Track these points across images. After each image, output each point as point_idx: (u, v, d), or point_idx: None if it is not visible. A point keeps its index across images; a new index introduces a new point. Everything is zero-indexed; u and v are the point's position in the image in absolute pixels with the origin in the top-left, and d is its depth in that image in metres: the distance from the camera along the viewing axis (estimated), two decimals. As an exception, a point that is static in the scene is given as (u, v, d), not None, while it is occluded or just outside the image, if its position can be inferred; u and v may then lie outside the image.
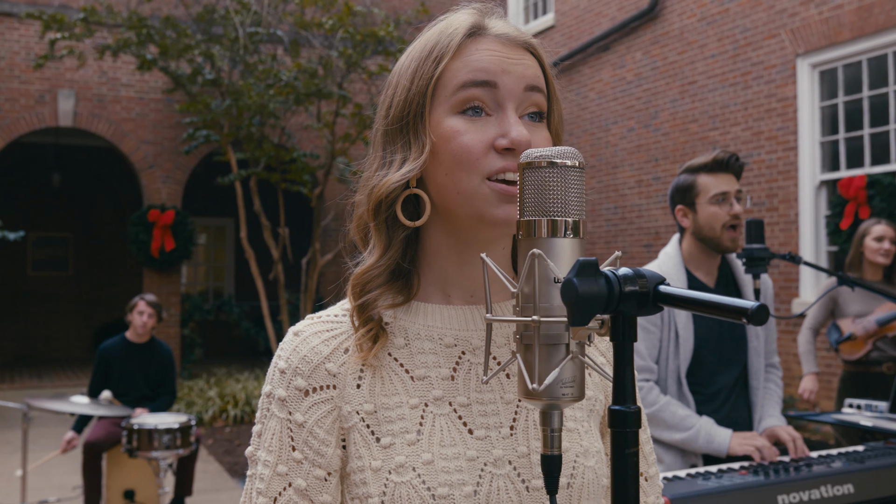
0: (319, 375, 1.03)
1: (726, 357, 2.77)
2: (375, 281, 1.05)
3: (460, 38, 1.04)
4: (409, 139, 1.04)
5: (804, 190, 8.54)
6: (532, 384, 0.83)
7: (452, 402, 1.03)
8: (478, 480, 1.00)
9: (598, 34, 11.42)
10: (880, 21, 7.73)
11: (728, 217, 2.69)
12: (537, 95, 1.05)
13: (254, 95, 9.36)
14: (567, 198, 0.86)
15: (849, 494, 2.23)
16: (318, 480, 1.02)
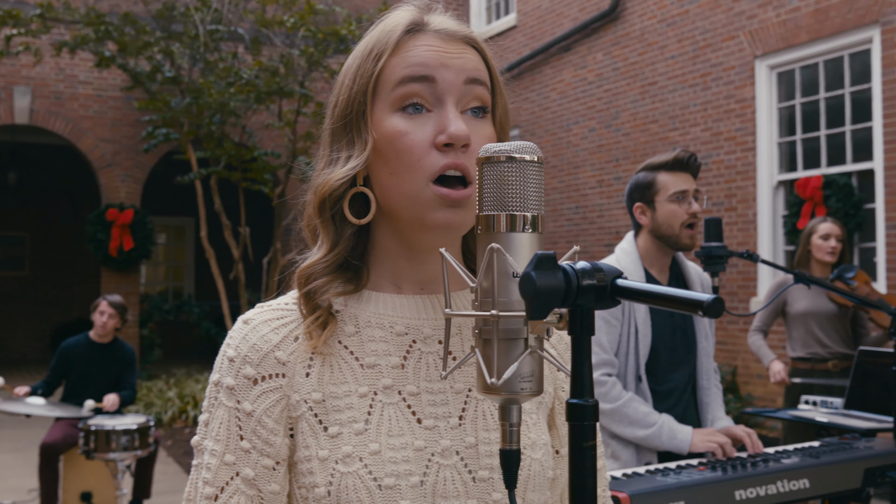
0: (269, 364, 1.02)
1: (679, 356, 2.79)
2: (322, 272, 1.04)
3: (399, 34, 1.04)
4: (353, 137, 1.04)
5: (762, 190, 8.65)
6: (491, 379, 0.83)
7: (402, 390, 1.03)
8: (424, 471, 1.00)
9: (559, 35, 11.47)
10: (836, 24, 7.85)
11: (686, 215, 2.72)
12: (479, 89, 1.03)
13: (214, 94, 9.28)
14: (526, 192, 0.86)
15: (805, 489, 2.26)
16: (266, 470, 1.01)
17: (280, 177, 11.34)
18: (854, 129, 7.87)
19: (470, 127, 1.01)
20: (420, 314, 1.07)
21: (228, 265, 12.01)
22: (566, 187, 11.42)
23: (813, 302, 4.74)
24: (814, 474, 2.29)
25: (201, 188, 10.67)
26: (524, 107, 12.23)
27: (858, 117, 7.84)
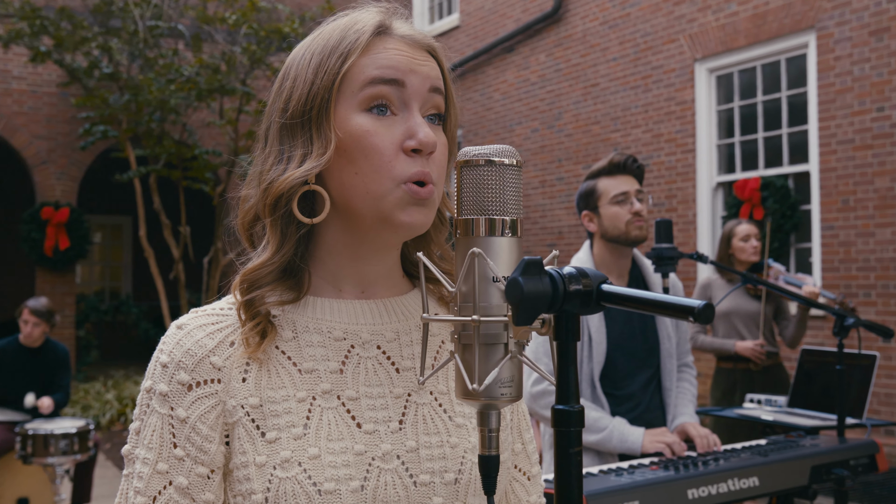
0: (203, 369, 1.00)
1: (639, 360, 2.82)
2: (266, 278, 1.03)
3: (368, 35, 1.02)
4: (312, 134, 1.01)
5: (702, 191, 8.79)
6: (472, 385, 0.82)
7: (341, 395, 1.01)
8: (365, 475, 0.98)
9: (502, 35, 11.52)
10: (773, 29, 8.01)
11: (630, 215, 2.75)
12: (438, 97, 1.04)
13: (154, 91, 9.12)
14: (505, 196, 0.86)
15: (754, 487, 2.30)
16: (200, 478, 0.98)
17: (221, 175, 11.20)
18: (790, 131, 8.04)
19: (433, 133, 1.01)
20: (358, 319, 1.06)
21: (168, 265, 11.82)
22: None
23: (735, 301, 4.84)
24: (763, 472, 2.33)
25: (140, 187, 10.49)
26: (467, 107, 12.24)
27: (794, 120, 8.01)
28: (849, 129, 7.39)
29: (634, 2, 9.55)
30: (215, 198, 10.69)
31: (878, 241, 7.17)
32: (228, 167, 10.53)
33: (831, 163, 7.52)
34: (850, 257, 7.37)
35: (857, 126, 7.32)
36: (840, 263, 7.43)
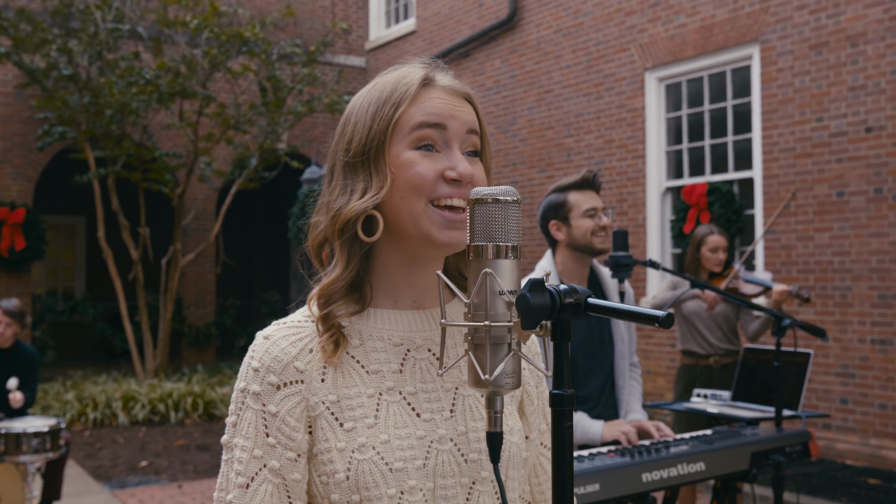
0: (289, 372, 1.20)
1: (596, 361, 3.07)
2: (338, 293, 1.24)
3: (416, 87, 1.24)
4: (371, 171, 1.23)
5: (651, 196, 9.12)
6: (484, 375, 1.05)
7: (402, 391, 1.23)
8: (426, 455, 1.20)
9: (458, 41, 11.75)
10: (720, 41, 8.36)
11: (597, 227, 2.99)
12: (475, 137, 1.26)
13: (116, 93, 9.19)
14: (508, 227, 1.08)
15: (701, 471, 2.56)
16: (289, 461, 1.19)
17: (180, 177, 11.28)
18: (735, 139, 8.40)
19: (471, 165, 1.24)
20: (412, 327, 1.27)
21: (125, 265, 11.87)
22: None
23: (697, 303, 5.12)
24: (708, 458, 2.59)
25: (99, 187, 10.53)
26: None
27: (739, 129, 8.37)
28: (790, 138, 7.75)
29: (587, 11, 9.85)
30: (174, 199, 10.77)
31: (816, 244, 7.54)
32: (188, 169, 10.63)
33: (773, 170, 7.88)
34: (790, 260, 7.74)
35: (798, 135, 7.69)
36: (781, 266, 7.79)
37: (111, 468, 7.39)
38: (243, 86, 11.09)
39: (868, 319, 7.17)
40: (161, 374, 10.58)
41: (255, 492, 1.18)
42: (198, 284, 12.88)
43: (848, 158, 7.31)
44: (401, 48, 13.18)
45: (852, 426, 7.26)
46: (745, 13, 8.13)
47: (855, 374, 7.25)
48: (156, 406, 9.25)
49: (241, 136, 10.98)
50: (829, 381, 7.42)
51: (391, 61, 10.58)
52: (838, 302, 7.38)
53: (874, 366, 7.12)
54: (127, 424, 9.02)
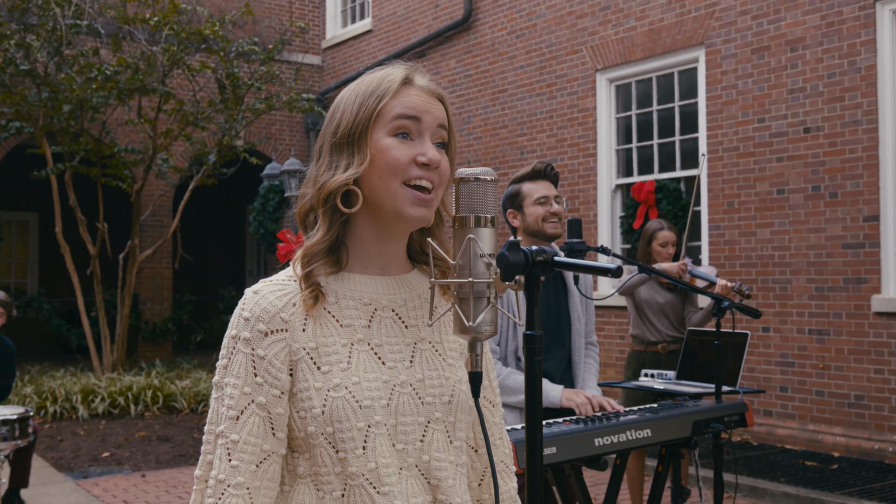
0: (275, 322, 1.41)
1: (555, 339, 3.32)
2: (319, 254, 1.46)
3: (397, 84, 1.48)
4: (354, 151, 1.45)
5: (602, 193, 9.42)
6: (468, 323, 1.28)
7: (370, 342, 1.46)
8: (390, 396, 1.42)
9: (414, 41, 11.97)
10: (667, 44, 8.69)
11: (548, 214, 3.25)
12: (444, 132, 1.50)
13: (75, 89, 9.25)
14: (486, 201, 1.31)
15: (647, 437, 2.81)
16: (274, 397, 1.40)
17: (138, 173, 11.34)
18: (682, 139, 8.73)
19: None
20: (379, 290, 1.49)
21: (82, 261, 11.89)
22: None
23: (648, 292, 5.42)
24: (654, 426, 2.84)
25: (56, 183, 10.56)
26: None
27: (686, 129, 8.71)
28: (733, 138, 8.10)
29: (540, 13, 10.13)
30: (132, 195, 10.83)
31: (758, 240, 7.90)
32: (146, 165, 10.71)
33: (718, 168, 8.23)
34: (734, 255, 8.09)
35: (741, 135, 8.04)
36: (726, 260, 8.14)
37: (73, 459, 7.48)
38: (202, 83, 11.19)
39: (806, 311, 7.53)
40: (119, 369, 10.64)
41: (244, 423, 1.39)
42: (155, 280, 12.93)
43: (787, 158, 7.68)
44: (357, 47, 13.36)
45: (791, 412, 7.63)
46: (692, 17, 8.46)
47: (794, 363, 7.62)
48: (115, 399, 9.33)
49: (200, 132, 11.08)
50: (770, 369, 7.78)
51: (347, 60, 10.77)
52: (778, 294, 7.74)
53: (811, 355, 7.49)
54: (87, 417, 9.09)
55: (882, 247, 7.05)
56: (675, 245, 5.50)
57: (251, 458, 1.38)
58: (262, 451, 1.39)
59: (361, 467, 1.39)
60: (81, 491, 6.51)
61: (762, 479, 6.35)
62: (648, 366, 5.19)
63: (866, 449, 7.02)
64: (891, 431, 6.96)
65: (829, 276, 7.37)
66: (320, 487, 1.41)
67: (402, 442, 1.42)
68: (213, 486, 1.38)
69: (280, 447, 1.41)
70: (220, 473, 1.38)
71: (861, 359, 7.16)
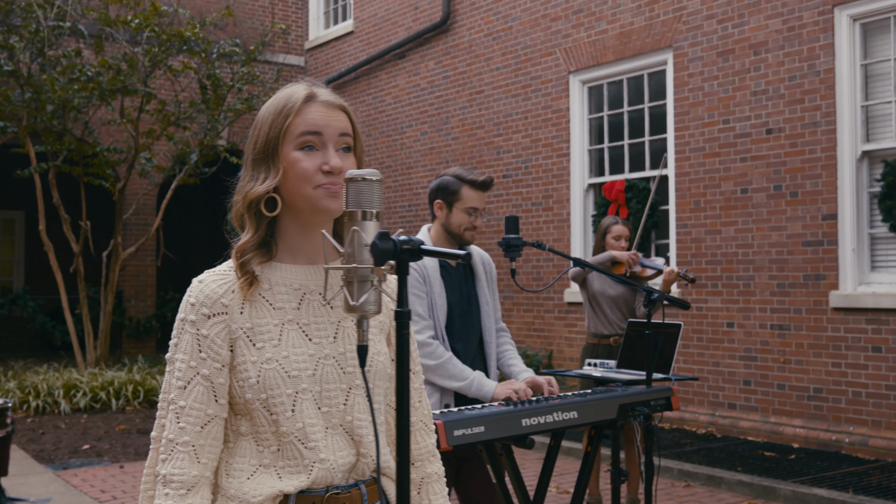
0: (217, 306, 1.67)
1: (468, 320, 3.53)
2: (249, 250, 1.71)
3: (300, 103, 1.72)
4: (269, 165, 1.71)
5: (574, 192, 9.64)
6: (352, 302, 1.49)
7: (299, 322, 1.71)
8: (315, 367, 1.68)
9: (394, 42, 12.17)
10: (637, 46, 8.91)
11: (470, 224, 3.45)
12: (347, 138, 1.74)
13: (57, 89, 9.43)
14: (372, 198, 1.52)
15: (574, 418, 3.02)
16: (216, 370, 1.66)
17: (121, 172, 11.51)
18: (652, 139, 8.95)
19: (342, 159, 1.71)
20: (307, 277, 1.74)
21: (66, 259, 12.06)
22: (400, 186, 12.14)
23: (601, 285, 5.65)
24: (580, 408, 3.05)
25: (40, 182, 10.73)
26: (360, 109, 12.86)
27: (655, 129, 8.93)
28: (700, 139, 8.32)
29: (516, 16, 10.35)
30: (115, 194, 11.01)
31: (723, 238, 8.13)
32: (129, 164, 10.89)
33: (685, 168, 8.45)
34: (700, 252, 8.31)
35: (707, 136, 8.26)
36: (692, 258, 8.36)
37: (54, 451, 7.67)
38: (184, 83, 11.37)
39: (768, 306, 7.76)
40: (102, 365, 10.82)
41: (190, 391, 1.66)
42: (138, 278, 13.11)
43: (751, 158, 7.90)
44: (339, 48, 13.55)
45: (754, 405, 7.86)
46: (661, 21, 8.68)
47: (756, 358, 7.84)
48: (97, 394, 9.51)
49: (182, 132, 11.27)
50: (734, 364, 8.00)
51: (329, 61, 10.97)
52: (742, 291, 7.96)
53: (773, 349, 7.72)
54: (69, 411, 9.27)
55: (840, 244, 7.28)
56: (628, 239, 5.74)
57: (196, 421, 1.64)
58: (206, 414, 1.66)
59: (291, 427, 1.64)
60: (60, 481, 6.70)
61: (720, 469, 6.57)
62: (601, 357, 5.42)
63: (824, 440, 7.25)
64: (847, 423, 7.19)
65: (790, 273, 7.60)
66: (260, 443, 1.67)
67: (326, 405, 1.68)
68: (165, 444, 1.65)
69: (222, 411, 1.68)
70: (170, 434, 1.65)
71: (820, 353, 7.40)
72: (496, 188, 10.54)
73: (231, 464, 1.68)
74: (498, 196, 10.52)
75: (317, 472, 1.65)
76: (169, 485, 1.62)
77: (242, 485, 1.65)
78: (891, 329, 6.95)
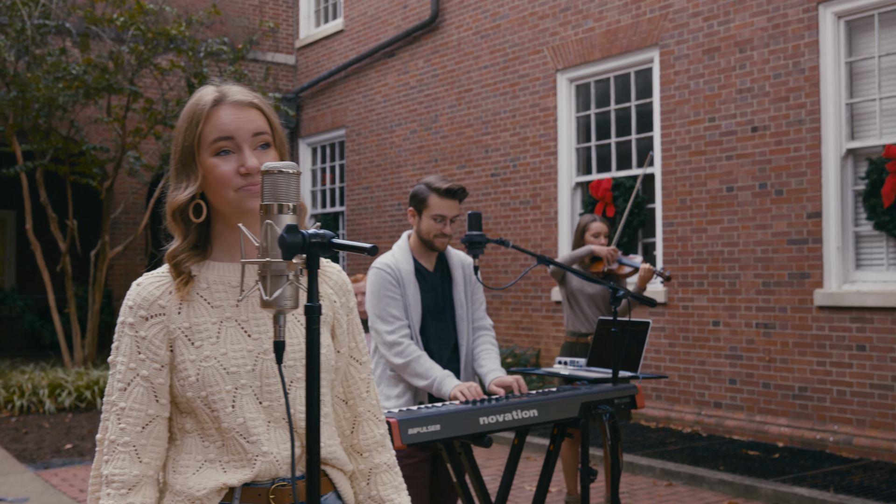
0: (154, 308, 1.69)
1: (442, 325, 3.53)
2: (181, 255, 1.72)
3: (208, 108, 1.72)
4: (189, 173, 1.72)
5: (562, 190, 9.61)
6: (265, 297, 1.46)
7: (238, 319, 1.72)
8: (255, 362, 1.69)
9: (384, 41, 12.14)
10: (623, 44, 8.87)
11: (439, 232, 3.47)
12: (264, 136, 1.74)
13: (42, 88, 9.40)
14: (289, 191, 1.49)
15: (534, 417, 2.99)
16: (155, 370, 1.68)
17: (108, 171, 11.48)
18: (638, 137, 8.92)
19: (259, 157, 1.71)
20: (246, 275, 1.72)
21: (54, 258, 12.03)
22: (389, 185, 12.11)
23: (579, 283, 5.62)
24: (540, 406, 3.02)
25: (27, 181, 10.70)
26: (350, 108, 12.83)
27: (642, 128, 8.90)
28: (686, 137, 8.29)
29: (504, 14, 10.31)
30: (102, 192, 10.98)
31: (709, 236, 8.10)
32: (116, 163, 10.86)
33: (671, 166, 8.42)
34: (686, 251, 8.28)
35: (693, 134, 8.23)
36: (678, 256, 8.33)
37: (36, 451, 7.64)
38: (172, 82, 11.34)
39: (753, 305, 7.73)
40: (88, 364, 10.79)
41: (130, 392, 1.68)
42: (127, 277, 13.07)
43: (736, 156, 7.87)
44: (329, 47, 13.52)
45: (739, 404, 7.83)
46: (647, 19, 8.65)
47: (742, 356, 7.82)
48: (82, 393, 9.48)
49: (170, 131, 11.22)
50: (720, 363, 7.97)
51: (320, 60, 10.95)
52: (728, 289, 7.93)
53: (759, 348, 7.69)
54: (53, 411, 9.24)
55: (824, 243, 7.25)
56: (607, 237, 5.71)
57: (137, 422, 1.67)
58: (147, 415, 1.68)
59: (232, 422, 1.66)
60: (40, 480, 6.67)
61: (702, 468, 6.54)
62: (579, 356, 5.38)
63: (809, 439, 7.23)
64: (832, 422, 7.17)
65: (775, 272, 7.57)
66: (205, 439, 1.70)
67: (268, 399, 1.70)
68: (108, 446, 1.68)
69: (163, 411, 1.70)
70: (112, 435, 1.67)
71: (805, 351, 7.37)
72: (484, 187, 10.52)
73: (178, 460, 1.70)
74: (486, 195, 10.49)
75: (260, 465, 1.66)
76: (111, 485, 1.64)
77: (188, 480, 1.67)
78: (875, 328, 6.92)
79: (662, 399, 8.44)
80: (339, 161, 13.47)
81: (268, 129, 1.74)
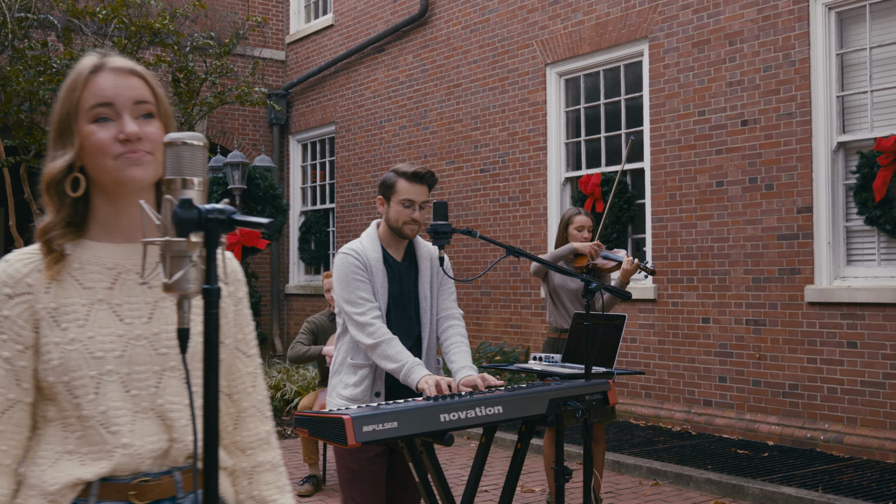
0: (20, 286, 1.58)
1: (404, 316, 3.45)
2: (53, 231, 1.60)
3: (86, 75, 1.62)
4: (66, 142, 1.61)
5: (552, 186, 9.48)
6: (165, 280, 1.33)
7: (110, 302, 1.60)
8: (124, 348, 1.58)
9: (373, 36, 12.01)
10: (613, 38, 8.75)
11: (408, 218, 3.36)
12: (146, 105, 1.63)
13: (23, 82, 9.26)
14: (195, 164, 1.36)
15: (498, 414, 2.86)
16: (17, 352, 1.57)
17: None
18: (628, 132, 8.79)
19: (142, 126, 1.61)
20: (124, 256, 1.64)
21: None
22: (379, 181, 11.97)
23: (562, 280, 5.49)
24: (506, 403, 2.89)
25: (10, 177, 10.57)
26: (340, 104, 12.70)
27: (632, 122, 8.77)
28: (675, 131, 8.17)
29: (493, 8, 10.19)
30: (87, 188, 10.83)
31: (699, 231, 7.97)
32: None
33: (661, 161, 8.29)
34: (676, 246, 8.16)
35: (683, 128, 8.11)
36: (668, 252, 8.21)
37: None
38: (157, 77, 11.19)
39: (743, 301, 7.61)
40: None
41: None
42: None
43: (726, 150, 7.75)
44: (319, 42, 13.39)
45: (729, 402, 7.71)
46: (636, 11, 8.52)
47: (732, 354, 7.69)
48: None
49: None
50: (710, 360, 7.85)
51: (310, 55, 10.81)
52: (717, 285, 7.81)
53: (749, 345, 7.56)
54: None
55: (815, 238, 7.13)
56: (591, 230, 5.59)
57: None
58: (7, 399, 1.57)
59: (93, 410, 1.56)
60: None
61: (689, 467, 6.42)
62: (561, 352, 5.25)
63: (799, 437, 7.10)
64: (823, 420, 7.04)
65: (766, 267, 7.45)
66: (66, 429, 1.58)
67: (136, 388, 1.59)
68: None
69: (26, 396, 1.59)
70: None
71: (795, 348, 7.24)
72: (473, 183, 10.39)
73: (37, 451, 1.60)
74: (475, 190, 10.36)
75: (119, 457, 1.56)
76: None
77: (44, 472, 1.57)
78: (866, 324, 6.80)
79: (651, 397, 8.32)
80: (328, 157, 13.34)
81: (151, 98, 1.64)
